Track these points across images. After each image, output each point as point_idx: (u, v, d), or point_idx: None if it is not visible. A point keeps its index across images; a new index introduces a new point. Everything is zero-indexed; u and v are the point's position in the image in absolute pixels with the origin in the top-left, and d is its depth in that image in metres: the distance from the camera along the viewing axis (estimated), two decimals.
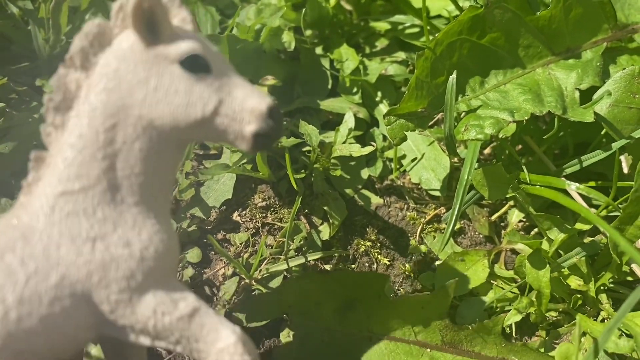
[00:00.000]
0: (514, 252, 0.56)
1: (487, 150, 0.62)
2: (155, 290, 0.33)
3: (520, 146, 0.60)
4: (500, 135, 0.50)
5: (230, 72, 0.36)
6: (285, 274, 0.51)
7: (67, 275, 0.32)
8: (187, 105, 0.34)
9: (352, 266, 0.55)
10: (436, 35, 0.54)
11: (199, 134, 0.35)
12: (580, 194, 0.52)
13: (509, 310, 0.52)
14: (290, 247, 0.52)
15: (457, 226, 0.58)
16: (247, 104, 0.34)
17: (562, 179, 0.52)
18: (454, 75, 0.51)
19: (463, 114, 0.54)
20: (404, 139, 0.53)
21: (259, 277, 0.51)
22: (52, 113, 0.35)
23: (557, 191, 0.49)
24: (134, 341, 0.33)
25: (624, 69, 0.53)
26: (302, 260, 0.52)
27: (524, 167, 0.52)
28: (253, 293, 0.51)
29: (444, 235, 0.50)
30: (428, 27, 0.61)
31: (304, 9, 0.65)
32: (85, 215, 0.33)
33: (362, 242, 0.56)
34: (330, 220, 0.55)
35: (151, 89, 0.34)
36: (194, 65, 0.34)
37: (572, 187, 0.49)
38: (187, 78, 0.34)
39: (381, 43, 0.68)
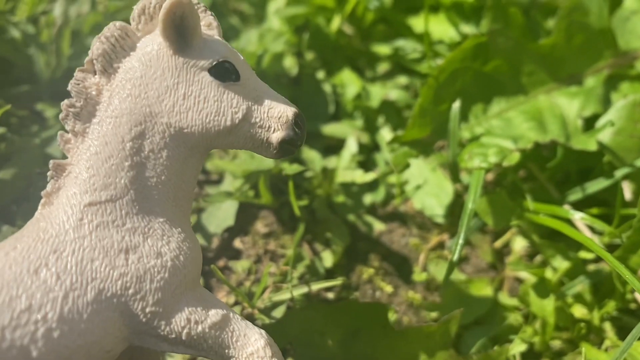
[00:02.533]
0: (518, 279, 0.56)
1: (490, 175, 0.62)
2: (188, 300, 0.32)
3: (523, 171, 0.60)
4: (503, 164, 0.50)
5: (256, 80, 0.35)
6: (289, 303, 0.51)
7: (104, 289, 0.31)
8: (216, 113, 0.33)
9: (356, 293, 0.54)
10: (439, 63, 0.54)
11: (226, 141, 0.34)
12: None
13: (513, 339, 0.51)
14: (293, 276, 0.52)
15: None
16: (274, 111, 0.34)
17: (566, 207, 0.52)
18: (457, 103, 0.52)
19: (466, 140, 0.54)
20: (407, 166, 0.53)
21: (262, 307, 0.50)
22: (72, 120, 0.33)
23: (560, 220, 0.49)
24: (165, 351, 0.33)
25: (626, 96, 0.54)
26: (305, 289, 0.51)
27: (527, 196, 0.52)
28: (255, 322, 0.50)
29: (448, 265, 0.49)
30: (430, 53, 0.61)
31: (305, 33, 0.65)
32: (115, 227, 0.32)
33: (365, 269, 0.55)
34: (333, 247, 0.55)
35: (180, 96, 0.33)
36: (224, 72, 0.34)
37: (576, 216, 0.49)
38: (216, 85, 0.33)
39: (383, 67, 0.68)
